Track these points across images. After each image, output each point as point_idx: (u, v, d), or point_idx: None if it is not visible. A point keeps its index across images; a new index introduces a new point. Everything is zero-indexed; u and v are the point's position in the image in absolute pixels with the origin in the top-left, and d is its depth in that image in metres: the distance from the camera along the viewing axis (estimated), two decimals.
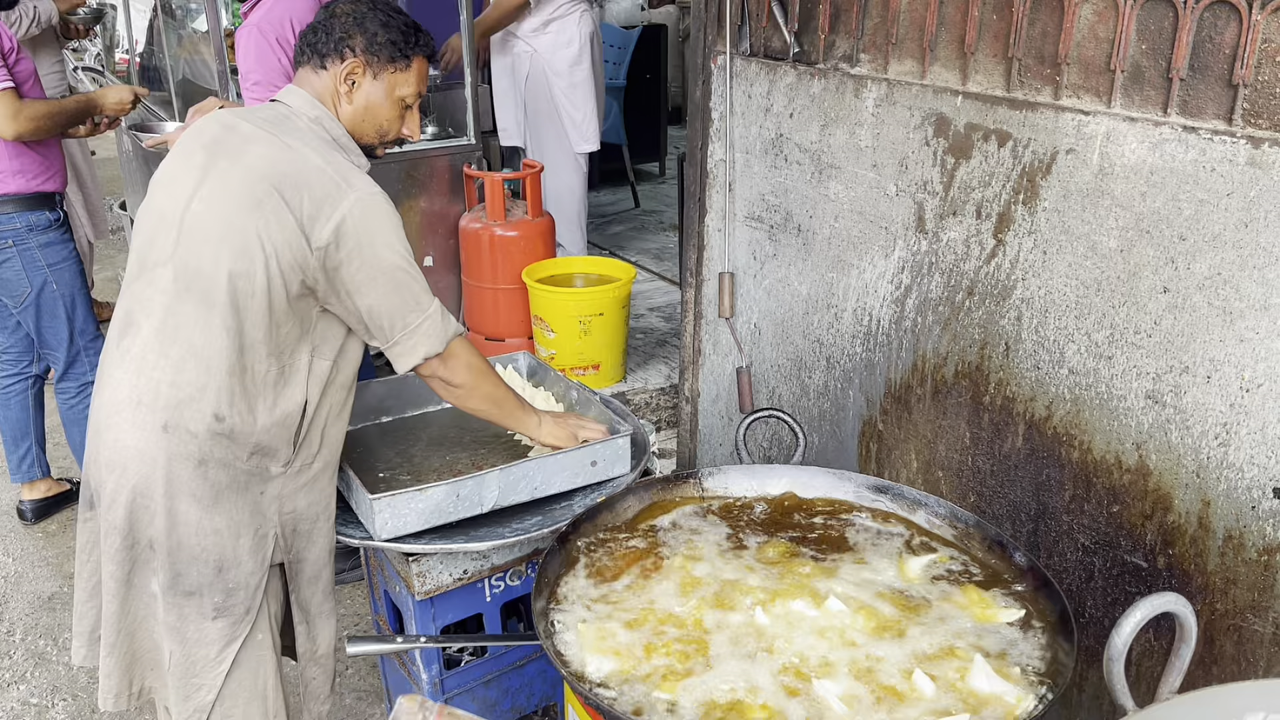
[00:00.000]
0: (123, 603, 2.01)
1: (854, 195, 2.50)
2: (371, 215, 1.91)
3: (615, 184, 6.96)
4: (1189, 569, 1.93)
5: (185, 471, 1.92)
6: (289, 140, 1.94)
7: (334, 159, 1.95)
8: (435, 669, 2.35)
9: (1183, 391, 1.88)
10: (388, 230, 1.93)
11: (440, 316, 2.02)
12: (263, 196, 1.88)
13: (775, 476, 2.14)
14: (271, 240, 1.87)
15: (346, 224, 1.89)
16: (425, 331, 2.00)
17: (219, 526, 1.95)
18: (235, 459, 1.94)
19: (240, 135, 1.96)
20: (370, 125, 2.07)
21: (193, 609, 1.97)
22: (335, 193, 1.89)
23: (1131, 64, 1.88)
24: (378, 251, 1.92)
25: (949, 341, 2.32)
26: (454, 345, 2.05)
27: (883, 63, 2.39)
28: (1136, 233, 1.90)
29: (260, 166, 1.91)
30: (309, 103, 2.02)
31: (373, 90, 2.04)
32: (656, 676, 1.62)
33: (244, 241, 1.88)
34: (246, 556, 1.98)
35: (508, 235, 4.23)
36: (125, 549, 1.97)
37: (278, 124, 1.98)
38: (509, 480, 2.19)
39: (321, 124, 2.01)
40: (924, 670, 1.60)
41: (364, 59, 2.01)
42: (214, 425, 1.91)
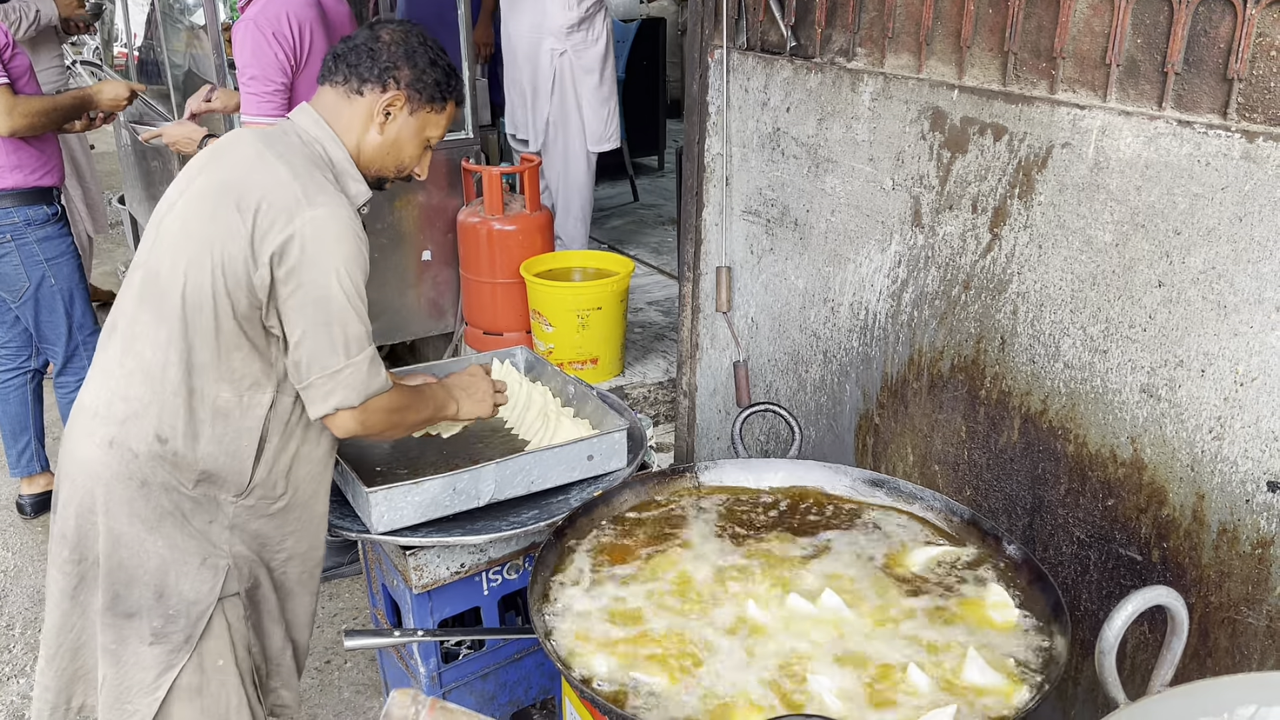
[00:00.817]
0: (65, 616, 1.95)
1: (850, 189, 2.50)
2: (324, 237, 1.78)
3: (614, 178, 6.96)
4: (1183, 562, 1.94)
5: (127, 491, 1.85)
6: (271, 153, 1.86)
7: (309, 176, 1.84)
8: (433, 662, 2.36)
9: (1177, 385, 1.88)
10: (336, 256, 1.79)
11: (368, 368, 1.85)
12: (220, 205, 1.80)
13: (771, 470, 2.15)
14: (222, 251, 1.79)
15: (294, 241, 1.77)
16: (346, 380, 1.83)
17: (160, 550, 1.87)
18: (179, 484, 1.87)
19: (233, 146, 1.91)
20: (392, 159, 2.00)
21: (131, 631, 1.90)
22: (292, 207, 1.78)
23: (1127, 58, 1.88)
24: (316, 276, 1.78)
25: (945, 335, 2.33)
26: (374, 402, 1.88)
27: (879, 57, 2.39)
28: (1131, 227, 1.90)
29: (227, 176, 1.84)
30: (314, 122, 1.95)
31: (405, 126, 1.97)
32: (652, 671, 1.63)
33: (197, 250, 1.80)
34: (189, 584, 1.90)
35: (506, 229, 4.23)
36: (73, 562, 1.91)
37: (276, 139, 1.91)
38: (505, 474, 2.19)
39: (320, 144, 1.93)
40: (918, 663, 1.60)
41: (406, 94, 1.94)
42: (155, 446, 1.84)
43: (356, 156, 1.96)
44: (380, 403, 1.89)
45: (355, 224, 1.82)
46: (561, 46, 4.76)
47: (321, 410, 1.84)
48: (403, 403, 1.97)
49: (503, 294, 4.30)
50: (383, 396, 1.89)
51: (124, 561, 1.87)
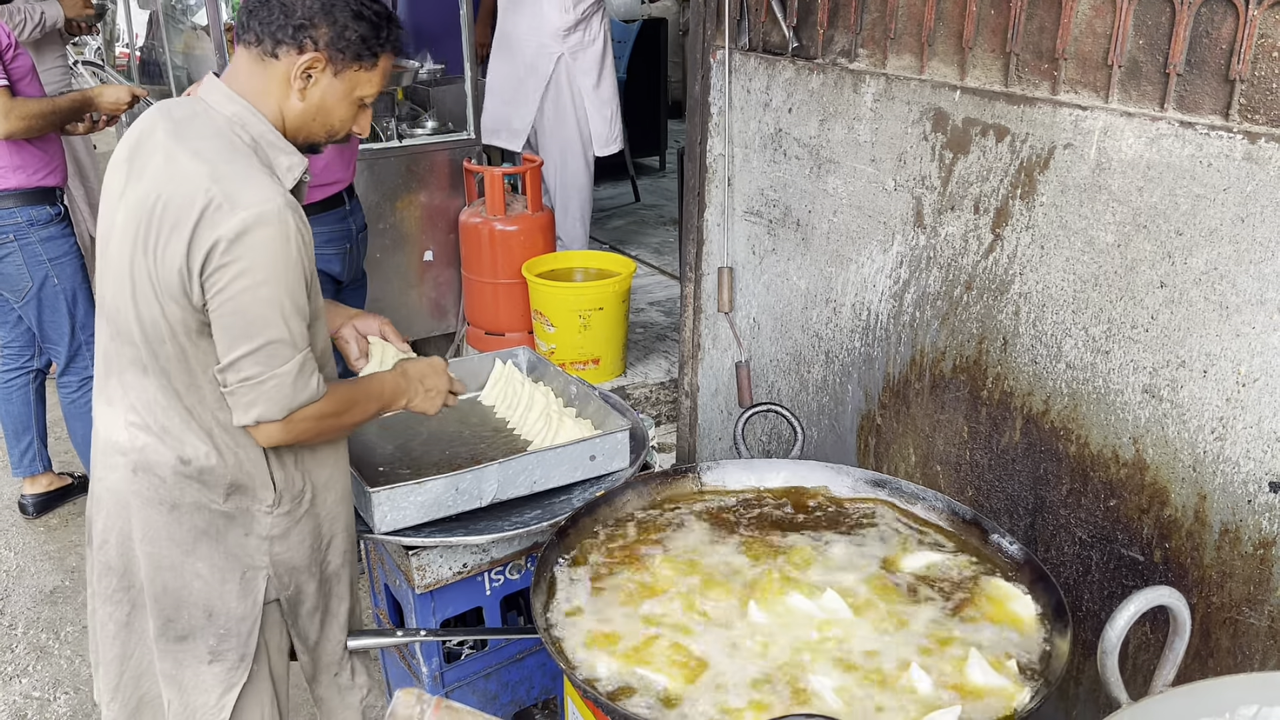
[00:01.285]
0: (124, 646, 1.91)
1: (852, 190, 2.50)
2: (248, 239, 1.62)
3: (615, 178, 6.96)
4: (1185, 563, 1.94)
5: (160, 515, 1.80)
6: (183, 150, 1.69)
7: (230, 170, 1.67)
8: (435, 662, 2.36)
9: (1179, 386, 1.88)
10: (261, 259, 1.63)
11: (293, 379, 1.70)
12: (148, 230, 1.67)
13: (774, 471, 2.15)
14: (160, 278, 1.67)
15: (218, 248, 1.62)
16: (268, 392, 1.69)
17: (201, 571, 1.83)
18: (210, 501, 1.81)
19: (150, 148, 1.74)
20: (320, 125, 1.81)
21: (187, 654, 1.86)
22: (216, 215, 1.62)
23: (1129, 59, 1.89)
24: (239, 281, 1.63)
25: (947, 336, 2.33)
26: (299, 413, 1.73)
27: (881, 58, 2.39)
28: (1133, 227, 1.91)
29: (148, 193, 1.69)
30: (227, 97, 1.75)
31: (331, 89, 1.76)
32: (655, 671, 1.63)
33: (139, 282, 1.70)
34: (235, 600, 1.86)
35: (507, 230, 4.23)
36: (123, 590, 1.88)
37: (186, 126, 1.73)
38: (508, 474, 2.20)
39: (241, 122, 1.74)
40: (920, 663, 1.61)
41: (327, 54, 1.73)
42: (180, 468, 1.78)
43: (280, 125, 1.78)
44: (309, 412, 1.74)
45: (286, 217, 1.65)
46: (559, 48, 4.76)
47: (243, 421, 1.71)
48: (338, 408, 1.81)
49: (504, 294, 4.31)
50: (312, 405, 1.74)
51: (168, 585, 1.83)
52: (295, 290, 1.68)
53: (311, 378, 1.73)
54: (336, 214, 3.25)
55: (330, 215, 3.22)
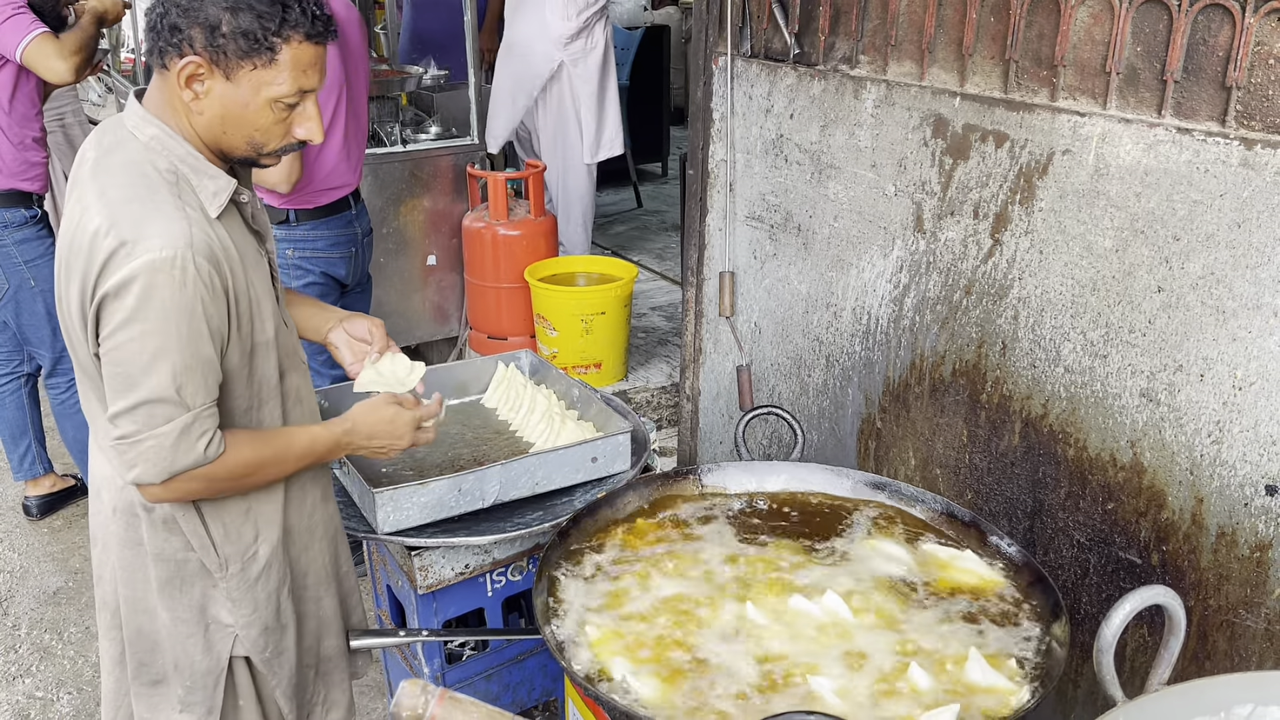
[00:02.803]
0: (117, 682, 1.85)
1: (853, 195, 2.52)
2: (136, 285, 1.49)
3: (618, 184, 6.99)
4: (1182, 565, 1.95)
5: (133, 557, 1.74)
6: (92, 190, 1.57)
7: (131, 213, 1.52)
8: (437, 663, 2.37)
9: (1176, 390, 1.90)
10: (151, 306, 1.49)
11: (174, 441, 1.54)
12: (66, 273, 1.59)
13: (774, 473, 2.16)
14: (78, 324, 1.59)
15: (109, 297, 1.51)
16: (146, 453, 1.55)
17: (167, 622, 1.75)
18: (175, 551, 1.72)
19: (76, 179, 1.64)
20: (237, 136, 1.61)
21: (161, 699, 1.80)
22: (112, 261, 1.49)
23: (1127, 66, 1.91)
24: (124, 331, 1.51)
25: (947, 340, 2.35)
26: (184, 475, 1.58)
27: (882, 64, 2.41)
28: (1131, 233, 1.92)
29: (64, 236, 1.60)
30: (144, 119, 1.60)
31: (228, 95, 1.56)
32: (656, 671, 1.64)
33: (70, 325, 1.63)
34: (199, 654, 1.77)
35: (510, 234, 4.26)
36: (115, 628, 1.82)
37: (105, 158, 1.61)
38: (510, 475, 2.21)
39: (159, 147, 1.59)
40: (919, 662, 1.62)
41: (207, 56, 1.53)
42: (145, 514, 1.70)
43: (197, 142, 1.61)
44: (198, 474, 1.59)
45: (184, 264, 1.50)
46: (560, 55, 4.79)
47: (125, 478, 1.59)
48: (239, 470, 1.65)
49: (507, 299, 4.33)
50: (201, 469, 1.59)
51: (141, 628, 1.77)
52: (192, 343, 1.53)
53: (199, 441, 1.57)
54: (342, 218, 3.27)
55: (336, 219, 3.24)
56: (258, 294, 1.66)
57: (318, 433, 1.80)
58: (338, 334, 2.06)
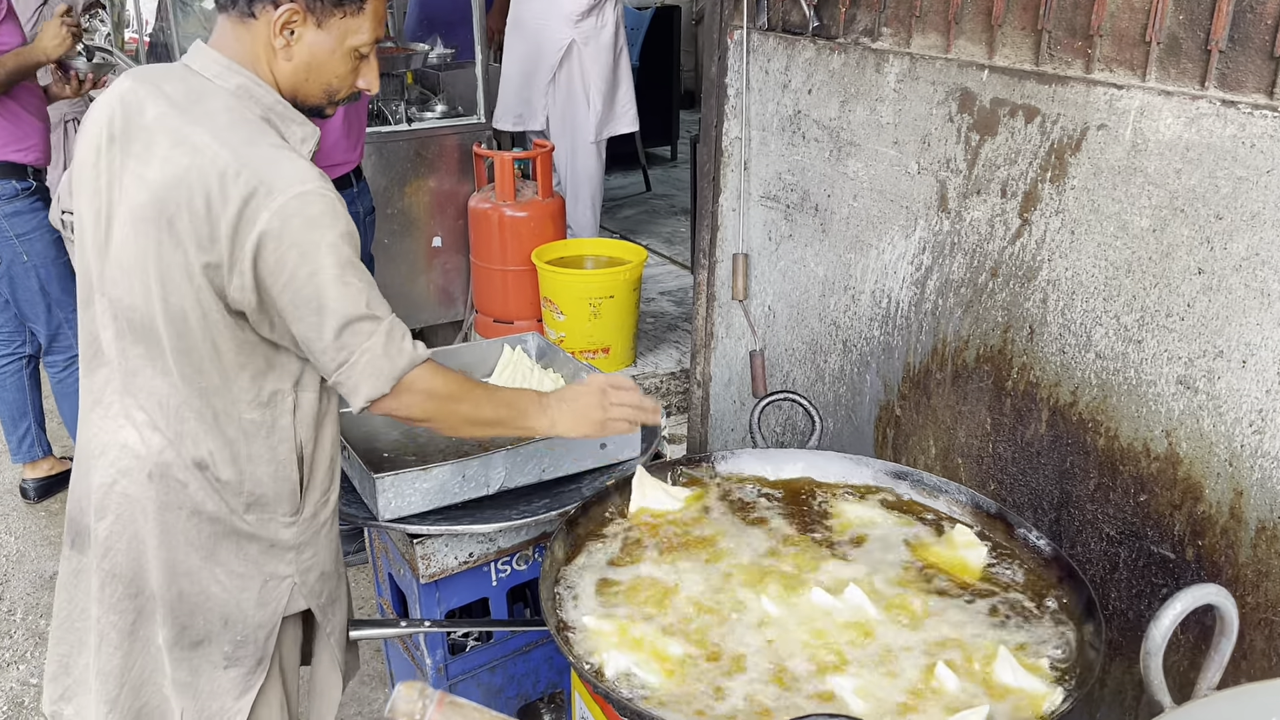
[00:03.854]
0: (126, 655, 1.78)
1: (874, 174, 2.43)
2: (296, 224, 1.53)
3: (626, 167, 6.89)
4: (1219, 561, 1.86)
5: (179, 522, 1.71)
6: (199, 135, 1.57)
7: (255, 153, 1.56)
8: (440, 654, 2.30)
9: (1216, 377, 1.81)
10: (316, 241, 1.54)
11: (383, 348, 1.62)
12: (174, 218, 1.55)
13: (790, 461, 2.08)
14: (194, 268, 1.56)
15: (267, 239, 1.53)
16: (364, 370, 1.62)
17: (220, 577, 1.74)
18: (230, 511, 1.72)
19: (145, 128, 1.61)
20: (316, 84, 1.67)
21: (203, 660, 1.78)
22: (253, 202, 1.52)
23: (1168, 35, 1.81)
24: (300, 270, 1.55)
25: (971, 324, 2.26)
26: (407, 379, 1.66)
27: (905, 36, 2.32)
28: (1170, 211, 1.83)
29: (167, 180, 1.56)
30: (228, 68, 1.62)
31: (317, 42, 1.62)
32: (667, 666, 1.57)
33: (166, 275, 1.58)
34: (253, 609, 1.77)
35: (517, 216, 4.17)
36: (129, 598, 1.76)
37: (190, 104, 1.60)
38: (516, 461, 2.13)
39: (248, 94, 1.62)
40: (946, 661, 1.54)
41: (303, 4, 1.59)
42: (197, 475, 1.69)
43: (282, 94, 1.66)
44: (419, 384, 1.67)
45: (322, 191, 1.55)
46: (570, 34, 4.69)
47: (358, 405, 1.65)
48: (451, 390, 1.72)
49: (514, 281, 4.25)
50: (421, 377, 1.67)
51: (185, 591, 1.74)
52: (354, 263, 1.59)
53: (404, 341, 1.65)
54: (344, 196, 3.18)
55: None
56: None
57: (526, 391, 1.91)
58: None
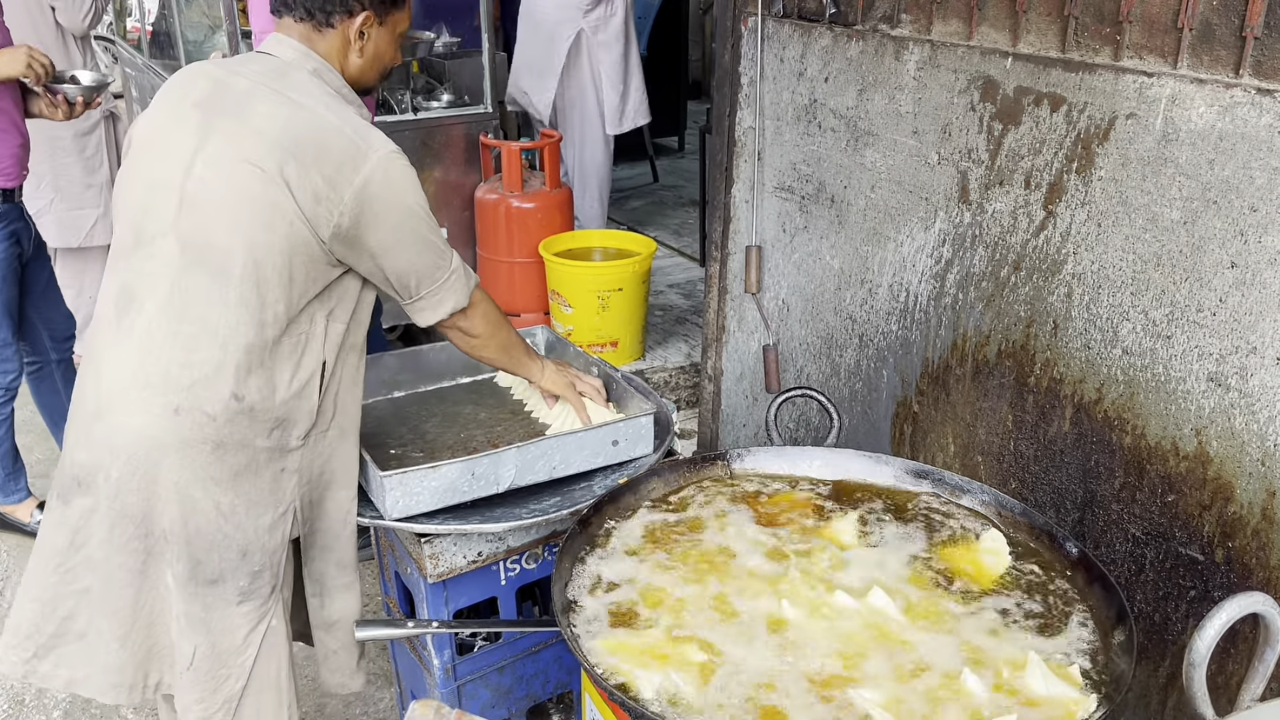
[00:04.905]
0: (136, 593, 1.87)
1: (892, 164, 2.37)
2: (394, 177, 1.84)
3: (634, 158, 6.83)
4: (1250, 563, 1.81)
5: (200, 456, 1.80)
6: (297, 97, 1.83)
7: (348, 116, 1.85)
8: (447, 654, 2.25)
9: (1249, 374, 1.75)
10: (410, 190, 1.87)
11: (463, 270, 2.00)
12: (281, 162, 1.77)
13: (808, 459, 2.03)
14: (291, 210, 1.77)
15: (370, 188, 1.80)
16: (451, 286, 1.97)
17: (238, 509, 1.85)
18: (254, 437, 1.84)
19: (238, 92, 1.84)
20: (376, 69, 2.02)
21: (216, 597, 1.86)
22: (356, 155, 1.80)
23: (1201, 21, 1.75)
24: (402, 215, 1.86)
25: (992, 319, 2.20)
26: (474, 296, 2.03)
27: (926, 23, 2.26)
28: (1202, 203, 1.77)
29: (272, 129, 1.79)
30: (304, 54, 1.91)
31: (381, 38, 1.98)
32: (682, 670, 1.52)
33: (261, 212, 1.77)
34: (267, 535, 1.89)
35: (525, 207, 4.12)
36: (139, 538, 1.84)
37: (277, 78, 1.87)
38: (526, 459, 2.08)
39: (322, 76, 1.91)
40: (974, 669, 1.49)
41: (374, 10, 1.94)
42: (232, 405, 1.80)
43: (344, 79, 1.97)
44: (480, 299, 2.05)
45: (403, 155, 1.87)
46: (580, 23, 4.63)
47: (436, 317, 1.98)
48: (497, 315, 2.12)
49: (521, 274, 4.20)
50: (481, 296, 2.05)
51: (201, 528, 1.83)
52: (430, 209, 1.93)
53: (468, 268, 2.03)
54: None
55: None
56: None
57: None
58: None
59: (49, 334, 3.58)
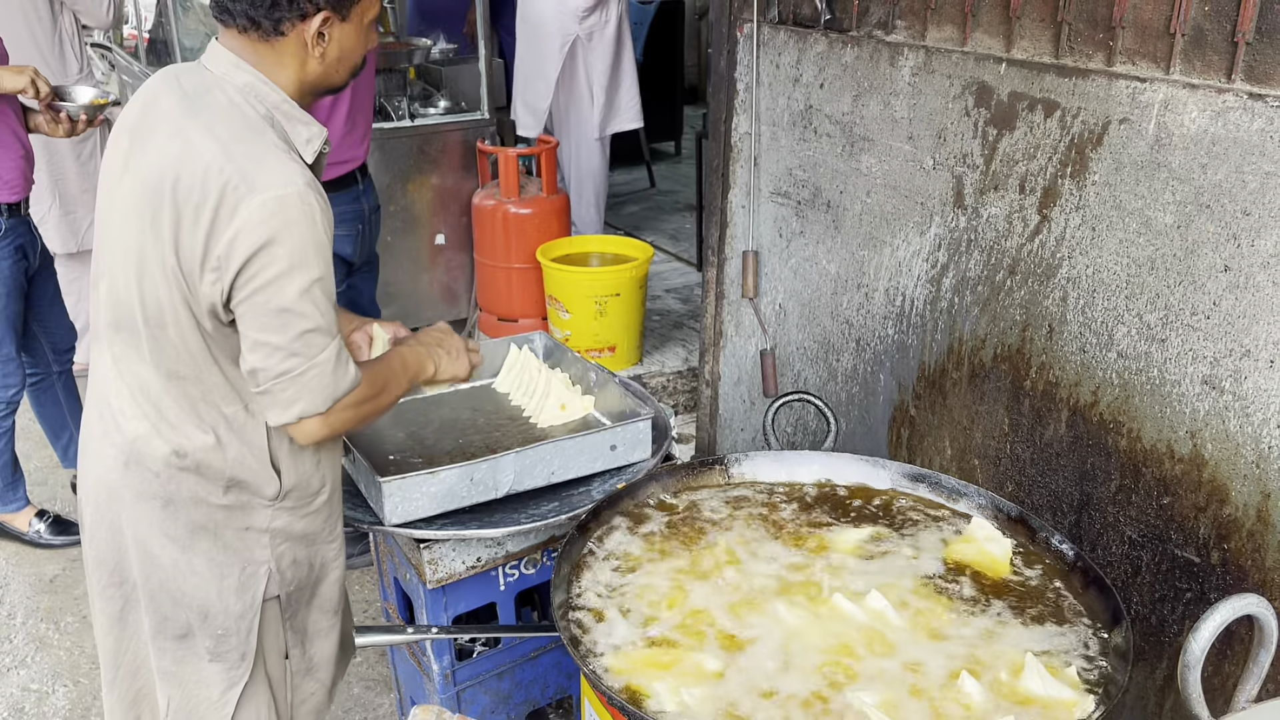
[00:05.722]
0: (118, 641, 1.81)
1: (888, 169, 2.39)
2: (273, 225, 1.51)
3: (630, 164, 6.84)
4: (1245, 565, 1.82)
5: (154, 511, 1.70)
6: (195, 126, 1.57)
7: (247, 151, 1.55)
8: (446, 660, 2.26)
9: (1243, 376, 1.77)
10: (291, 242, 1.52)
11: (333, 367, 1.60)
12: (156, 208, 1.56)
13: (806, 463, 2.03)
14: (169, 261, 1.56)
15: (240, 238, 1.51)
16: (309, 384, 1.59)
17: (197, 567, 1.72)
18: (208, 495, 1.69)
19: (153, 118, 1.62)
20: (345, 68, 1.71)
21: (187, 651, 1.77)
22: (233, 198, 1.51)
23: (1193, 27, 1.77)
24: (266, 271, 1.53)
25: (988, 323, 2.21)
26: (341, 401, 1.63)
27: (920, 29, 2.27)
28: (1195, 207, 1.79)
29: (155, 169, 1.57)
30: (236, 66, 1.62)
31: (346, 33, 1.66)
32: (682, 675, 1.52)
33: (144, 263, 1.58)
34: (233, 598, 1.74)
35: (522, 213, 4.13)
36: (115, 585, 1.77)
37: (197, 98, 1.61)
38: (525, 464, 2.09)
39: (254, 92, 1.62)
40: (971, 671, 1.49)
41: (332, 8, 1.62)
42: (174, 462, 1.67)
43: (297, 90, 1.67)
44: (349, 400, 1.64)
45: (308, 198, 1.54)
46: (575, 30, 4.65)
47: (283, 419, 1.61)
48: (372, 391, 1.71)
49: (518, 279, 4.21)
50: (353, 394, 1.65)
51: (164, 583, 1.73)
52: (325, 274, 1.58)
53: (348, 365, 1.63)
54: (349, 194, 3.14)
55: (343, 195, 3.11)
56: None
57: (399, 350, 1.88)
58: (360, 335, 2.05)
59: (50, 346, 3.59)
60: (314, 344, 1.57)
